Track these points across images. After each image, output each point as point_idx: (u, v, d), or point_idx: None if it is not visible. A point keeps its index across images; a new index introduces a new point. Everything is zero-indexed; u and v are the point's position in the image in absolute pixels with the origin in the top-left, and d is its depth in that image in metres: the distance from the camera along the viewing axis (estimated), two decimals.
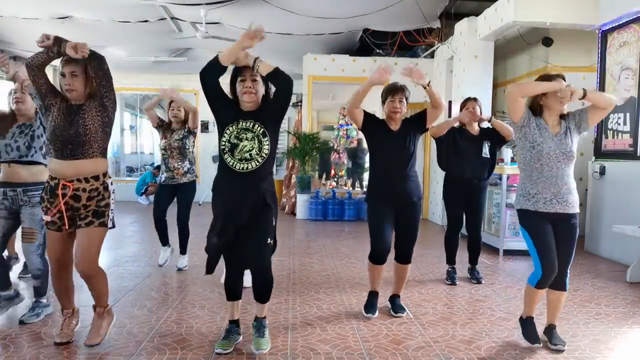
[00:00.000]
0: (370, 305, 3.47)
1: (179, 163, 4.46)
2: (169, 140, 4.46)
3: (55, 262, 2.76)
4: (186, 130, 4.48)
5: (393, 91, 3.36)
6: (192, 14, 6.85)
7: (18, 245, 4.01)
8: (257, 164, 2.61)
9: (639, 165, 5.11)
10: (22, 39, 8.44)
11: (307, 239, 6.67)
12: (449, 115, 7.59)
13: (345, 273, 4.64)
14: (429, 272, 4.70)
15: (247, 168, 2.60)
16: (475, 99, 4.38)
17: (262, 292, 2.78)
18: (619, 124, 5.40)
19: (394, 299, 3.55)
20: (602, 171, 5.62)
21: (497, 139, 4.28)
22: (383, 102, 3.43)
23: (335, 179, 10.89)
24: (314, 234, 7.05)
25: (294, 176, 9.41)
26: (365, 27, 8.09)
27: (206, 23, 6.82)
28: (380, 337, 3.04)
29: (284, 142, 10.74)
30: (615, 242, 5.31)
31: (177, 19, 7.24)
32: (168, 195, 4.53)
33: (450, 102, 7.62)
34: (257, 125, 2.64)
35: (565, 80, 2.72)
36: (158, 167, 10.95)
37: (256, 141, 2.62)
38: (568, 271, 2.84)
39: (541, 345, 2.88)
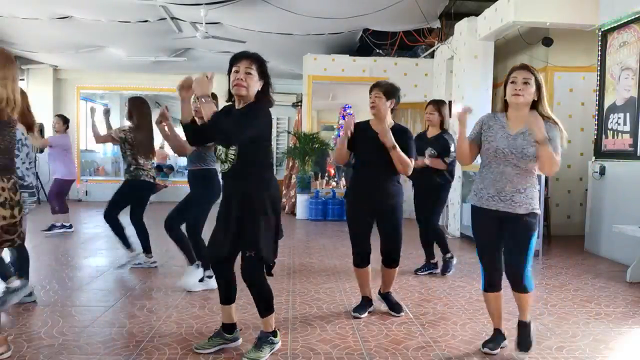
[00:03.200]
0: (361, 306, 3.47)
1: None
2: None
3: None
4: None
5: (371, 88, 3.32)
6: (192, 14, 6.85)
7: None
8: (228, 166, 2.58)
9: (639, 165, 5.11)
10: (22, 39, 8.45)
11: (307, 239, 6.67)
12: (449, 115, 7.60)
13: (345, 273, 4.63)
14: (429, 272, 4.69)
15: (224, 169, 2.62)
16: (438, 102, 4.60)
17: (257, 304, 2.68)
18: (619, 124, 5.40)
19: (387, 296, 3.53)
20: (602, 171, 5.62)
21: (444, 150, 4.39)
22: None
23: (335, 180, 10.89)
24: (314, 234, 7.05)
25: (293, 176, 9.41)
26: (365, 27, 8.09)
27: (206, 23, 6.81)
28: (380, 337, 3.04)
29: (284, 142, 10.75)
30: (615, 242, 5.31)
31: (177, 19, 7.24)
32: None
33: (450, 103, 7.62)
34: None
35: (528, 70, 2.61)
36: (158, 167, 10.96)
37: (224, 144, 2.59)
38: (526, 273, 2.67)
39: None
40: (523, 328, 2.79)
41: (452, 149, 4.33)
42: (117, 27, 7.58)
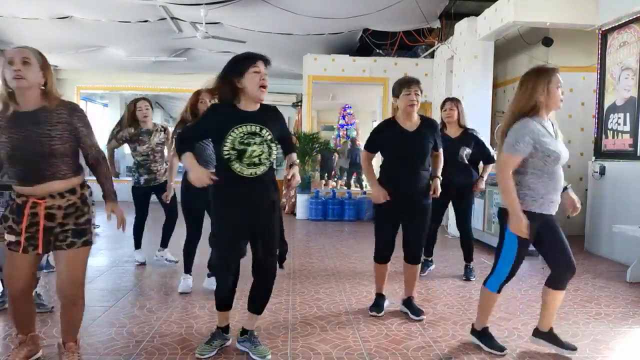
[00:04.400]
0: (376, 304, 3.47)
1: (160, 165, 4.67)
2: (151, 144, 4.61)
3: (14, 284, 2.35)
4: (162, 132, 4.70)
5: (408, 83, 3.33)
6: (192, 14, 6.85)
7: None
8: (266, 168, 2.56)
9: (639, 165, 5.11)
10: (22, 39, 8.44)
11: (307, 239, 6.67)
12: None
13: (345, 273, 4.64)
14: (429, 272, 4.68)
15: (255, 173, 2.53)
16: (456, 99, 4.50)
17: (262, 303, 2.75)
18: (619, 124, 5.40)
19: (410, 301, 3.49)
20: (602, 171, 5.62)
21: (479, 150, 4.37)
22: (396, 96, 3.35)
23: (335, 179, 10.90)
24: (314, 234, 7.05)
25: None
26: (365, 27, 8.10)
27: (206, 23, 6.81)
28: (380, 337, 3.04)
29: None
30: (615, 242, 5.31)
31: (177, 19, 7.24)
32: (148, 198, 4.74)
33: None
34: (265, 130, 2.53)
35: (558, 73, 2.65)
36: None
37: (265, 145, 2.53)
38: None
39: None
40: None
41: (486, 142, 4.42)
42: (117, 27, 7.59)
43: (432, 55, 8.57)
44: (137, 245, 4.89)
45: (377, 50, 8.71)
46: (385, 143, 3.36)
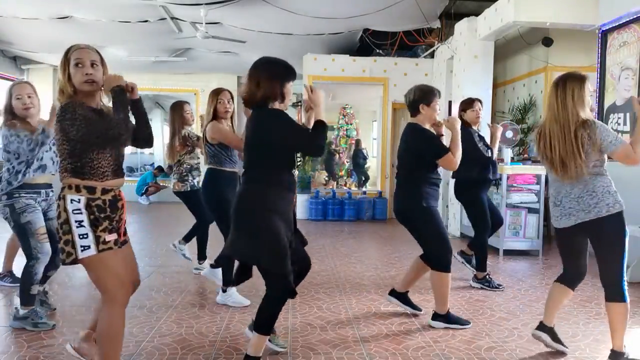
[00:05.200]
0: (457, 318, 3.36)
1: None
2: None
3: (124, 287, 2.24)
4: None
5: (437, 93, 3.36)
6: (192, 14, 6.85)
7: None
8: (297, 171, 2.61)
9: (639, 165, 5.09)
10: (22, 39, 8.45)
11: (307, 239, 6.65)
12: (449, 114, 7.60)
13: (345, 273, 4.64)
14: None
15: (296, 175, 2.63)
16: (479, 100, 4.50)
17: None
18: (619, 124, 5.40)
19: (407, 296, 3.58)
20: None
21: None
22: (427, 104, 3.26)
23: (336, 179, 10.90)
24: (314, 234, 7.05)
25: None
26: (365, 27, 8.09)
27: (206, 23, 6.81)
28: (380, 337, 3.04)
29: None
30: None
31: (177, 19, 7.24)
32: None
33: (450, 103, 7.61)
34: None
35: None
36: (159, 168, 10.95)
37: None
38: None
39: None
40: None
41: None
42: (117, 27, 7.59)
43: (432, 55, 8.57)
44: (201, 255, 4.58)
45: (377, 50, 8.71)
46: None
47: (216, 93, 3.70)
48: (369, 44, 8.48)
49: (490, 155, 4.27)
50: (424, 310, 3.55)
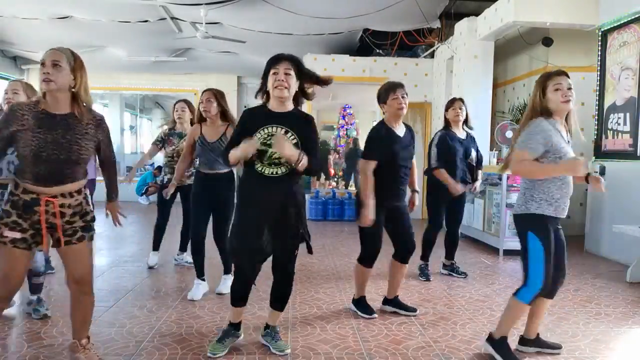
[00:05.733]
0: (367, 306, 3.50)
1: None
2: (177, 147, 4.56)
3: (7, 283, 2.31)
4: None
5: (395, 87, 3.35)
6: (192, 14, 6.85)
7: None
8: (287, 169, 2.56)
9: (639, 165, 5.11)
10: (22, 39, 8.45)
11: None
12: None
13: (345, 273, 4.64)
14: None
15: (276, 173, 2.55)
16: (461, 99, 4.51)
17: (282, 300, 2.79)
18: (619, 124, 5.40)
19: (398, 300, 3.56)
20: (602, 171, 5.62)
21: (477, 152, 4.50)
22: (384, 102, 3.37)
23: (335, 179, 10.89)
24: (314, 234, 6.99)
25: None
26: (365, 27, 8.09)
27: (206, 23, 6.82)
28: (380, 337, 3.04)
29: None
30: (615, 242, 5.31)
31: (177, 19, 7.24)
32: (172, 199, 4.57)
33: None
34: (290, 134, 2.54)
35: (568, 77, 2.64)
36: (159, 168, 10.94)
37: None
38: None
39: None
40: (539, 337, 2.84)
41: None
42: (117, 27, 7.59)
43: (432, 55, 8.57)
44: (156, 247, 4.74)
45: (377, 50, 8.71)
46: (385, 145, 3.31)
47: (202, 93, 3.82)
48: (369, 44, 8.48)
49: (471, 159, 4.36)
50: (423, 310, 3.54)
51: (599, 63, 5.75)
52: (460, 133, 4.44)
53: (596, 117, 5.82)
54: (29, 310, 3.25)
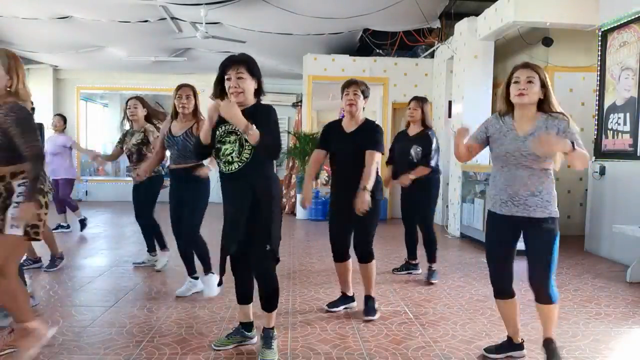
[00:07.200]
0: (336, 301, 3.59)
1: (136, 165, 4.54)
2: (127, 145, 4.59)
3: None
4: (142, 133, 4.54)
5: (347, 85, 3.41)
6: (192, 14, 6.85)
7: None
8: (239, 166, 2.56)
9: (639, 165, 5.11)
10: (22, 39, 8.45)
11: (307, 239, 6.67)
12: (449, 115, 7.60)
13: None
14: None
15: (231, 169, 2.58)
16: (421, 99, 4.50)
17: (265, 300, 2.70)
18: (619, 124, 5.40)
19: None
20: (602, 171, 5.62)
21: (423, 150, 4.34)
22: (342, 99, 3.43)
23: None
24: (314, 234, 7.05)
25: (294, 176, 9.40)
26: (365, 27, 8.09)
27: (206, 23, 6.81)
28: (380, 337, 3.04)
29: (284, 142, 10.74)
30: (615, 242, 5.31)
31: (177, 19, 7.24)
32: (133, 196, 4.74)
33: (450, 103, 7.62)
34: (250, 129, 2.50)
35: (536, 69, 2.52)
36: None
37: (237, 144, 2.56)
38: (550, 282, 2.50)
39: None
40: (549, 345, 2.60)
41: (433, 145, 4.31)
42: (117, 27, 7.58)
43: (432, 55, 8.57)
44: (162, 245, 4.85)
45: (377, 50, 8.71)
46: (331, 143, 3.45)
47: (176, 89, 3.73)
48: (369, 44, 8.48)
49: (411, 156, 4.33)
50: (423, 310, 3.54)
51: (599, 63, 5.75)
52: (412, 132, 4.45)
53: (596, 117, 5.82)
54: None
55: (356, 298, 3.67)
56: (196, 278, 3.88)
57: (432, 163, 4.31)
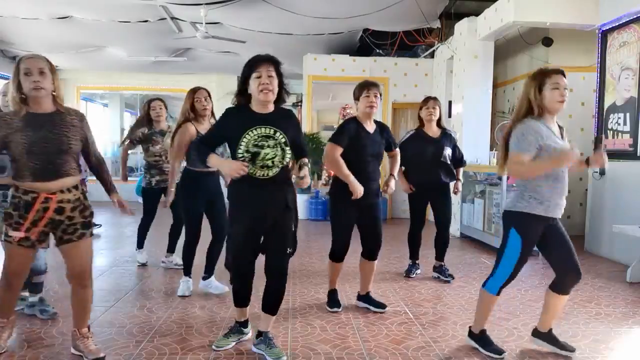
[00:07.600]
0: (336, 300, 3.59)
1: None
2: (164, 146, 4.53)
3: (17, 278, 2.54)
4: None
5: (367, 86, 3.45)
6: (192, 14, 6.85)
7: None
8: (277, 170, 2.58)
9: (639, 165, 5.11)
10: (22, 39, 8.45)
11: (307, 239, 6.66)
12: (449, 115, 7.60)
13: (346, 273, 4.61)
14: (429, 272, 4.68)
15: (267, 175, 2.56)
16: (435, 98, 4.51)
17: (275, 302, 2.73)
18: (619, 124, 5.40)
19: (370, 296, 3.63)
20: (602, 171, 5.62)
21: (455, 152, 4.46)
22: (357, 99, 3.50)
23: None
24: (314, 234, 7.05)
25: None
26: (365, 27, 8.09)
27: (206, 23, 6.81)
28: (380, 337, 3.04)
29: None
30: (615, 242, 5.31)
31: (177, 19, 7.24)
32: (158, 199, 4.67)
33: (450, 103, 7.62)
34: (279, 134, 2.56)
35: (565, 76, 2.63)
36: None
37: (279, 148, 2.56)
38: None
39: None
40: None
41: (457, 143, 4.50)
42: (117, 27, 7.59)
43: (432, 55, 8.57)
44: (140, 245, 4.85)
45: (377, 50, 8.71)
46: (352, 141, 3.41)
47: (193, 91, 3.76)
48: (369, 44, 8.48)
49: (444, 157, 4.34)
50: (423, 310, 3.54)
51: (599, 63, 5.75)
52: (433, 132, 4.42)
53: (596, 117, 5.82)
54: (32, 312, 3.24)
55: (352, 296, 3.69)
56: (206, 278, 3.90)
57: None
